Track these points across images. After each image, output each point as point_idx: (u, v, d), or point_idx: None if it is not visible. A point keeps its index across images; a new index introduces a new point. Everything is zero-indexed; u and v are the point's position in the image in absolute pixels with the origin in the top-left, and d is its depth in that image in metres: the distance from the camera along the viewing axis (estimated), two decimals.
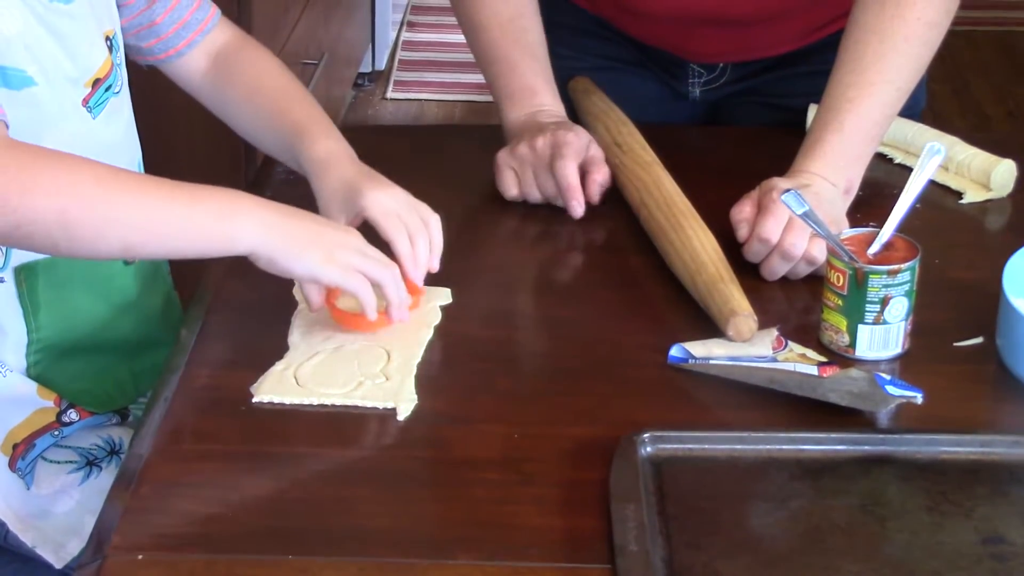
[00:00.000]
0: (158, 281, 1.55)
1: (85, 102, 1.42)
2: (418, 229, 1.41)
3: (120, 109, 1.48)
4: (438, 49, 4.17)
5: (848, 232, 1.40)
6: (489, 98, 1.75)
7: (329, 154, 1.47)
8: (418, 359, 1.35)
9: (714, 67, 1.84)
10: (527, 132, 1.62)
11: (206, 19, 1.56)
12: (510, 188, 1.62)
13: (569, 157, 1.58)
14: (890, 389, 1.26)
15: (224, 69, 1.57)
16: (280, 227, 1.30)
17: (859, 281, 1.34)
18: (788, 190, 1.37)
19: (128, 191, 1.27)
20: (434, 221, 1.42)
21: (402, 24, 4.35)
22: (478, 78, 1.81)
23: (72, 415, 1.43)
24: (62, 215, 1.24)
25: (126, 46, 1.52)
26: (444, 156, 1.77)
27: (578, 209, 1.57)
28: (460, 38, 1.79)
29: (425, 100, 3.96)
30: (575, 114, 1.74)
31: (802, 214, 1.36)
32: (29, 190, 1.23)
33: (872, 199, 1.55)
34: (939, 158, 1.40)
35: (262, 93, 1.55)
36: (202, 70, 1.57)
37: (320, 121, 1.52)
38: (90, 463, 1.44)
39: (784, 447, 1.24)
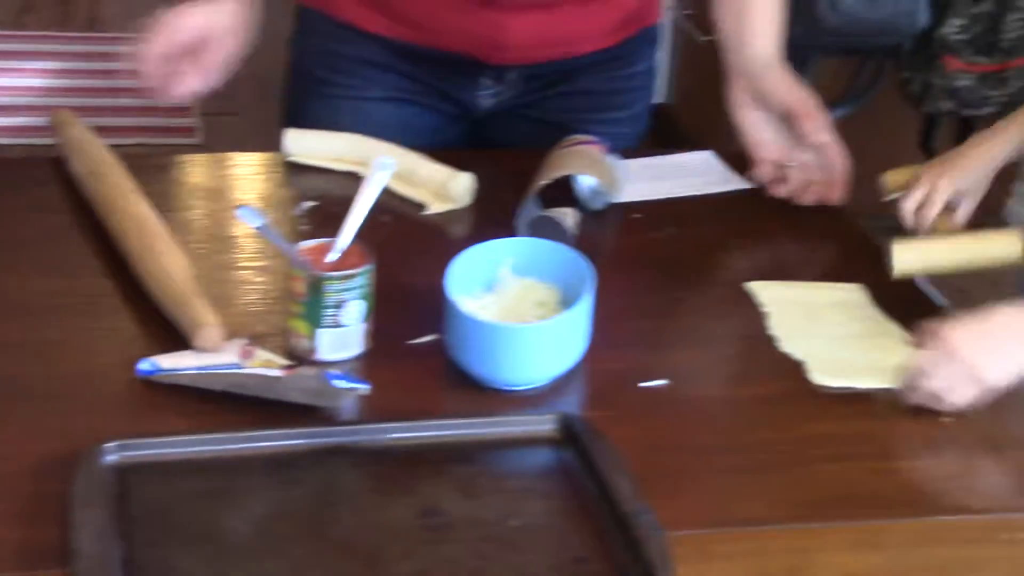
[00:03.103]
0: None
1: None
2: None
3: None
4: None
5: (307, 243, 1.49)
6: None
7: None
8: None
9: (503, 77, 1.93)
10: None
11: None
12: None
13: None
14: (337, 383, 1.35)
15: None
16: None
17: (316, 287, 1.43)
18: (245, 205, 1.45)
19: None
20: None
21: None
22: None
23: None
24: None
25: None
26: None
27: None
28: None
29: None
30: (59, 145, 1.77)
31: (258, 228, 1.44)
32: None
33: (339, 212, 1.64)
34: (387, 173, 1.51)
35: None
36: None
37: None
38: None
39: (244, 446, 1.31)
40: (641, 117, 2.06)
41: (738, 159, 1.93)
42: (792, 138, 1.84)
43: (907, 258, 1.60)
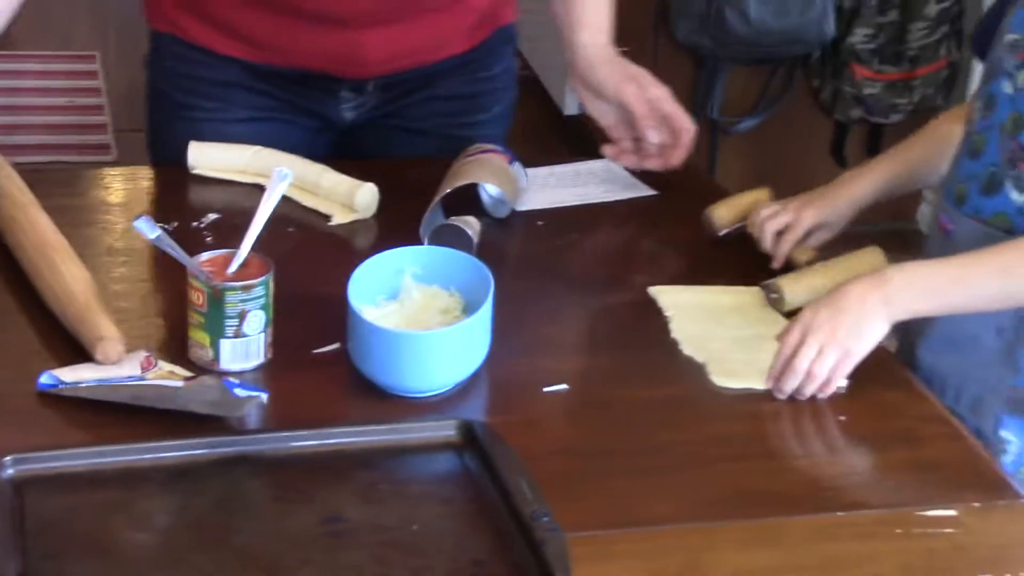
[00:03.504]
0: None
1: None
2: None
3: None
4: None
5: (207, 254, 1.49)
6: None
7: None
8: None
9: (363, 88, 1.93)
10: None
11: None
12: None
13: None
14: (238, 392, 1.36)
15: None
16: None
17: (216, 298, 1.43)
18: (141, 216, 1.45)
19: None
20: None
21: None
22: None
23: None
24: None
25: None
26: None
27: None
28: None
29: None
30: None
31: (155, 239, 1.43)
32: None
33: (243, 223, 1.65)
34: (285, 183, 1.51)
35: None
36: None
37: None
38: None
39: (144, 456, 1.31)
40: (505, 117, 2.06)
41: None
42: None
43: (797, 294, 1.64)
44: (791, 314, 1.59)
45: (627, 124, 1.90)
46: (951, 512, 1.32)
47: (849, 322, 1.46)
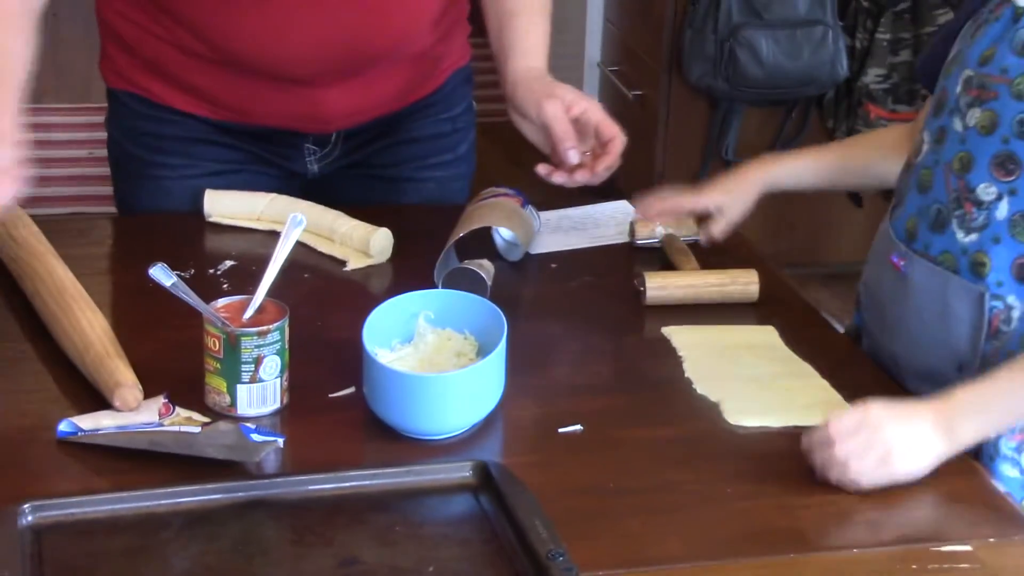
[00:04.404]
0: None
1: None
2: None
3: None
4: None
5: (223, 301, 1.50)
6: None
7: None
8: None
9: (327, 140, 1.95)
10: None
11: None
12: None
13: None
14: (254, 437, 1.37)
15: None
16: None
17: (232, 344, 1.45)
18: (157, 264, 1.46)
19: None
20: None
21: None
22: None
23: None
24: None
25: None
26: None
27: None
28: None
29: None
30: None
31: (171, 286, 1.45)
32: None
33: (259, 270, 1.66)
34: (299, 229, 1.53)
35: None
36: None
37: None
38: None
39: (162, 502, 1.32)
40: (470, 156, 2.08)
41: None
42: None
43: (658, 291, 1.75)
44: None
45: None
46: (967, 547, 1.32)
47: (910, 436, 1.40)
